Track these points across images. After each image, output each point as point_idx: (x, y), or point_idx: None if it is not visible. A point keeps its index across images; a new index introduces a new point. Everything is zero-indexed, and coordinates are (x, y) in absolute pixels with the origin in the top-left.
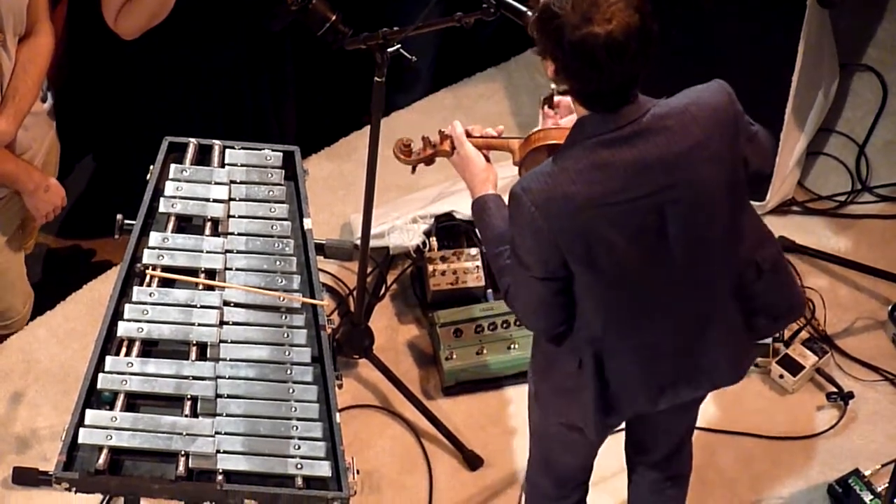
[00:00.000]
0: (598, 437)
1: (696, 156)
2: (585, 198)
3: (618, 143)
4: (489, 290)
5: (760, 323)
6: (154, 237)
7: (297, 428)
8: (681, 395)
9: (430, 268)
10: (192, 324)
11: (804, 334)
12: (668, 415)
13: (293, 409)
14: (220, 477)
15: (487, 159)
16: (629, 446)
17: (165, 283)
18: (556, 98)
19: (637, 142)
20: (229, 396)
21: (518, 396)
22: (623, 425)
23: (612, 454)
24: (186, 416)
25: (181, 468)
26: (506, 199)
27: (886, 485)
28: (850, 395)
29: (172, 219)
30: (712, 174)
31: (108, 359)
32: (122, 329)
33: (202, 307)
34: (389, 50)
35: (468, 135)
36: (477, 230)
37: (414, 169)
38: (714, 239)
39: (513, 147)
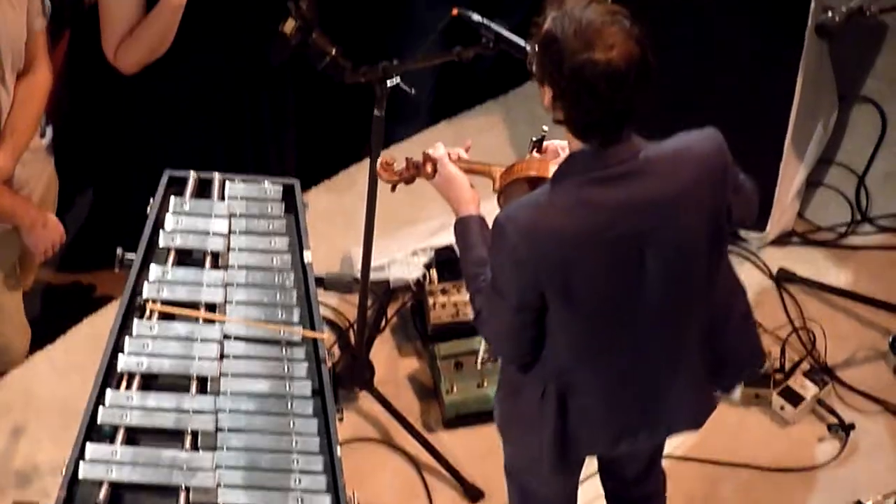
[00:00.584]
0: (553, 474)
1: (682, 202)
2: (570, 233)
3: (607, 182)
4: None
5: (725, 372)
6: (154, 271)
7: (297, 461)
8: (639, 441)
9: (431, 300)
10: (193, 357)
11: (805, 365)
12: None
13: (294, 443)
14: None
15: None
16: (600, 468)
17: (166, 316)
18: (546, 143)
19: (626, 182)
20: (230, 430)
21: None
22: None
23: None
24: (187, 449)
25: (182, 502)
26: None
27: None
28: (851, 427)
29: (172, 252)
30: (696, 221)
31: (109, 392)
32: (123, 363)
33: (202, 341)
34: (389, 83)
35: (451, 159)
36: (456, 249)
37: (394, 187)
38: (690, 285)
39: (494, 174)
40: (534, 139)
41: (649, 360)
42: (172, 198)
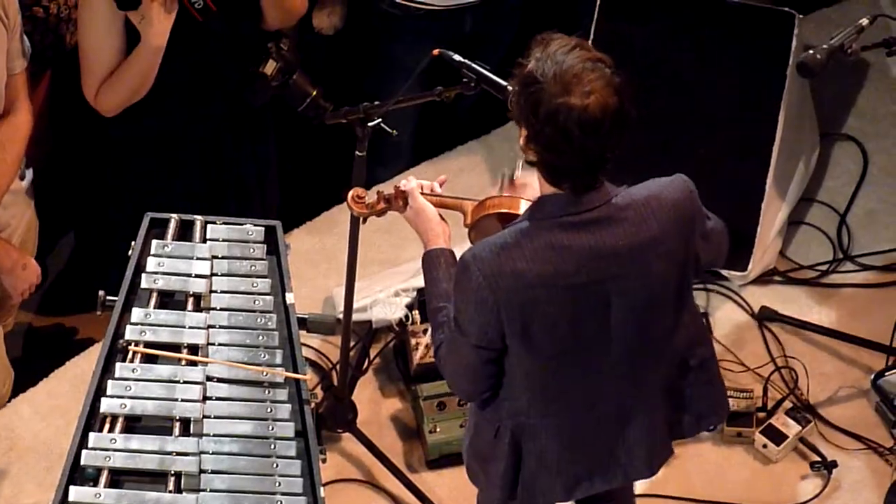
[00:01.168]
0: None
1: (650, 250)
2: (535, 276)
3: (576, 228)
4: None
5: (684, 421)
6: (136, 313)
7: (281, 503)
8: (595, 487)
9: (413, 341)
10: (176, 399)
11: (787, 404)
12: None
13: (277, 484)
14: None
15: (442, 218)
16: None
17: (148, 358)
18: (518, 179)
19: (594, 229)
20: (213, 472)
21: None
22: None
23: None
24: (170, 491)
25: None
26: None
27: None
28: (834, 464)
29: (154, 294)
30: (663, 270)
31: (92, 435)
32: (106, 405)
33: (185, 382)
34: (370, 124)
35: (423, 193)
36: (424, 282)
37: (365, 220)
38: (655, 334)
39: (466, 209)
40: (506, 175)
41: (607, 407)
42: (154, 240)
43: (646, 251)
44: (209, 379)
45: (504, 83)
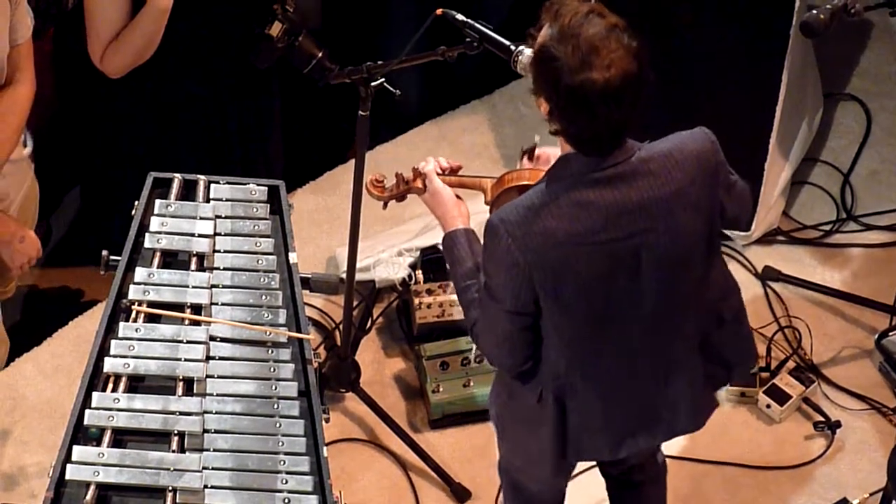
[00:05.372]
0: (553, 476)
1: (676, 202)
2: (565, 234)
3: (601, 184)
4: None
5: (718, 372)
6: (140, 273)
7: (284, 462)
8: (639, 444)
9: (416, 301)
10: (179, 359)
11: (791, 364)
12: None
13: (280, 444)
14: None
15: (459, 198)
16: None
17: (151, 318)
18: (538, 151)
19: (619, 184)
20: (216, 431)
21: None
22: None
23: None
24: (174, 451)
25: None
26: (480, 235)
27: None
28: (838, 424)
29: (158, 254)
30: (692, 220)
31: (95, 395)
32: (109, 365)
33: (188, 342)
34: (373, 84)
35: (442, 173)
36: (447, 264)
37: (385, 205)
38: (686, 286)
39: (485, 186)
40: (524, 148)
41: (645, 363)
42: (157, 200)
43: (672, 203)
44: (212, 339)
45: (507, 42)
